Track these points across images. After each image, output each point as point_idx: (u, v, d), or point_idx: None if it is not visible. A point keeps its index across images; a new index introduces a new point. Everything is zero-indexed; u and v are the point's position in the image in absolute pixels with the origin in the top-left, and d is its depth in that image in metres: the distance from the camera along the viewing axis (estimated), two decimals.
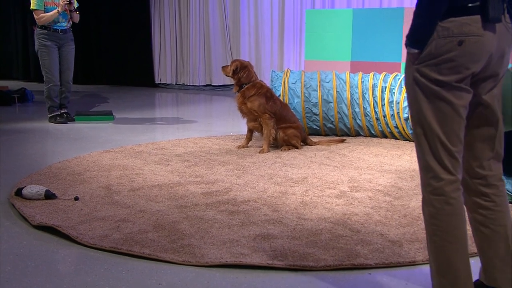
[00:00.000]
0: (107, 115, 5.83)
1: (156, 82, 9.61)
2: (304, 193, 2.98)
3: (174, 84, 9.48)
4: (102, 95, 8.35)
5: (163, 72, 9.56)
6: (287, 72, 4.72)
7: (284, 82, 4.61)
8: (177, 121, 5.92)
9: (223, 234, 2.34)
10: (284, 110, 4.24)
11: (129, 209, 2.68)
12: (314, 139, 4.53)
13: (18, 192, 2.84)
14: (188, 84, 9.29)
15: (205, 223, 2.48)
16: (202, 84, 9.19)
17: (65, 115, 5.58)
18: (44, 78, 5.48)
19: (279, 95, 4.60)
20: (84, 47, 10.01)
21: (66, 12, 5.39)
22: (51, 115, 5.55)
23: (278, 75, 4.72)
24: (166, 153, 4.03)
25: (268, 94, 4.16)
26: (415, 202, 2.81)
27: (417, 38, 1.53)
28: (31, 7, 5.26)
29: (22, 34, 10.15)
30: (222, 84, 9.06)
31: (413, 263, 2.07)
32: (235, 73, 4.20)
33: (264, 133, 4.14)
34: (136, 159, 3.80)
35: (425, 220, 1.61)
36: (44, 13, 5.26)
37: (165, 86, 9.55)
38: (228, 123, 5.73)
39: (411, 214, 2.61)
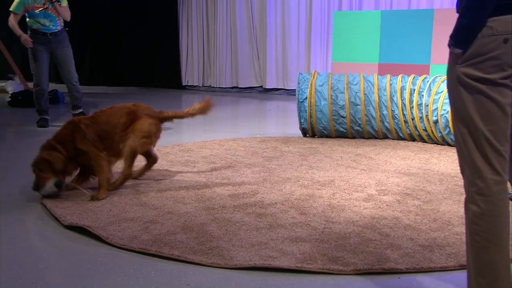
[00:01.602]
0: None
1: (183, 84, 9.70)
2: (332, 196, 2.96)
3: (201, 86, 9.56)
4: (130, 97, 8.46)
5: (190, 74, 9.64)
6: (314, 74, 4.70)
7: (311, 85, 4.59)
8: (203, 122, 5.95)
9: (251, 236, 2.34)
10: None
11: (157, 210, 2.70)
12: (340, 141, 4.50)
13: (36, 188, 2.89)
14: (215, 86, 9.35)
15: (233, 225, 2.48)
16: (228, 86, 9.24)
17: (81, 115, 5.58)
18: (33, 82, 5.38)
19: (306, 98, 4.59)
20: (113, 49, 10.18)
21: (53, 13, 5.20)
22: (40, 117, 5.45)
23: (305, 78, 4.70)
24: (192, 155, 4.05)
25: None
26: (445, 206, 2.76)
27: (462, 38, 1.52)
28: (10, 7, 5.14)
29: None
30: (249, 86, 9.09)
31: (444, 269, 2.03)
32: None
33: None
34: (162, 161, 3.83)
35: (467, 219, 1.58)
36: (28, 17, 5.14)
37: (192, 88, 9.63)
38: (254, 125, 5.74)
39: (441, 218, 2.57)
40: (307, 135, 4.81)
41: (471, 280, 1.57)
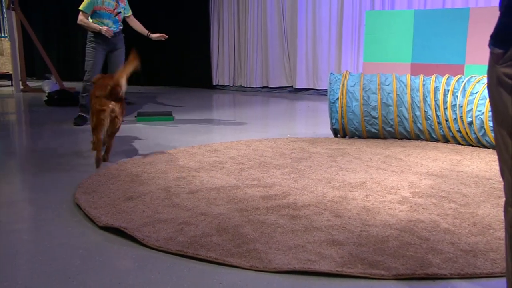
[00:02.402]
0: (167, 116, 5.94)
1: (214, 84, 9.73)
2: (365, 198, 2.91)
3: (231, 85, 9.58)
4: (161, 96, 8.51)
5: (221, 74, 9.67)
6: (345, 74, 4.64)
7: (342, 85, 4.54)
8: (233, 122, 5.96)
9: (287, 239, 2.31)
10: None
11: (190, 211, 2.69)
12: (368, 142, 4.45)
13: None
14: (245, 86, 9.35)
15: (267, 227, 2.45)
16: (259, 86, 9.23)
17: None
18: (84, 77, 5.52)
19: (337, 98, 4.54)
20: (144, 50, 10.24)
21: (116, 17, 5.49)
22: (80, 114, 5.58)
23: (336, 78, 4.64)
24: (220, 155, 4.04)
25: None
26: (483, 209, 2.70)
27: (503, 38, 1.46)
28: (80, 7, 5.33)
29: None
30: (279, 86, 9.07)
31: (491, 275, 1.97)
32: None
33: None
34: (191, 161, 3.82)
35: (506, 223, 1.53)
36: (90, 17, 5.35)
37: (223, 88, 9.66)
38: (284, 125, 5.72)
39: (481, 222, 2.51)
40: (338, 136, 4.77)
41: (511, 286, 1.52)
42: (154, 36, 5.65)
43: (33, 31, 8.69)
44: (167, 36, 5.62)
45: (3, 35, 11.29)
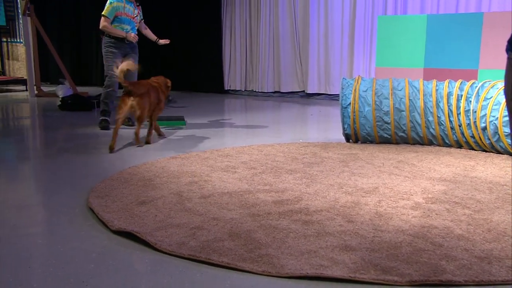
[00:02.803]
0: (179, 120, 5.97)
1: (226, 89, 9.75)
2: (378, 204, 2.90)
3: (243, 90, 9.60)
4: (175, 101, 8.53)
5: (233, 78, 9.70)
6: (358, 79, 4.63)
7: (355, 90, 4.52)
8: (245, 127, 5.96)
9: (299, 244, 2.30)
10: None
11: (202, 216, 2.69)
12: (381, 147, 4.43)
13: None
14: (257, 91, 9.37)
15: (280, 232, 2.45)
16: (270, 91, 9.24)
17: (127, 120, 5.77)
18: (105, 82, 5.63)
19: (349, 103, 4.53)
20: (156, 54, 10.30)
21: (134, 21, 5.57)
22: (101, 118, 5.66)
23: (349, 83, 4.63)
24: (232, 160, 4.04)
25: None
26: (498, 216, 2.67)
27: None
28: (103, 12, 5.42)
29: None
30: (291, 90, 9.07)
31: (506, 282, 1.95)
32: None
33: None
34: (203, 166, 3.83)
35: None
36: (117, 25, 5.44)
37: (234, 93, 9.68)
38: (296, 130, 5.71)
39: (496, 229, 2.48)
40: (350, 141, 4.75)
41: None
42: (162, 41, 5.78)
43: (48, 37, 8.79)
44: (169, 41, 5.78)
45: (18, 40, 11.44)
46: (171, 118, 6.21)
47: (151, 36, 5.84)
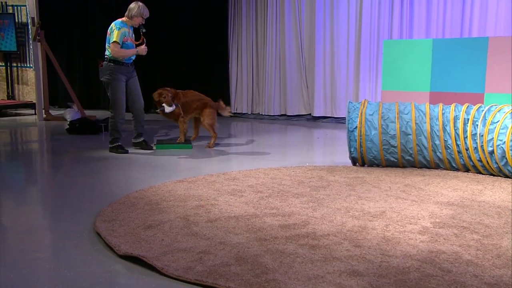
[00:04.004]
0: (186, 144, 6.00)
1: (232, 111, 9.80)
2: (385, 228, 2.88)
3: (249, 113, 9.64)
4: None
5: (239, 101, 9.75)
6: (364, 103, 4.65)
7: (361, 114, 4.54)
8: (252, 150, 5.98)
9: (306, 269, 2.29)
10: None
11: (209, 240, 2.69)
12: (387, 171, 4.42)
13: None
14: (263, 114, 9.41)
15: (287, 257, 2.44)
16: (277, 114, 9.28)
17: (143, 143, 5.79)
18: (112, 111, 5.60)
19: (356, 127, 4.54)
20: (163, 78, 10.41)
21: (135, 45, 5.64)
22: (115, 145, 5.66)
23: (355, 106, 4.65)
24: (238, 183, 4.05)
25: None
26: (507, 241, 2.65)
27: None
28: (113, 39, 5.46)
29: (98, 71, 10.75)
30: (297, 114, 9.10)
31: None
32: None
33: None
34: (209, 190, 3.83)
35: None
36: (121, 47, 5.50)
37: (241, 116, 9.72)
38: (302, 153, 5.71)
39: (505, 254, 2.46)
40: (357, 164, 4.75)
41: None
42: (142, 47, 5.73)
43: (57, 61, 8.92)
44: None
45: (28, 65, 11.61)
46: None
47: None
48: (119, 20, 5.56)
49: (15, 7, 11.35)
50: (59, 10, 11.35)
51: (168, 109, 5.80)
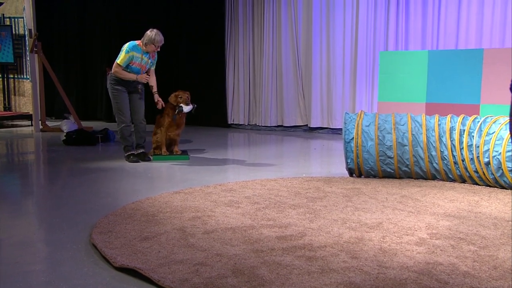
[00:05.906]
0: (182, 155, 6.00)
1: (229, 123, 9.81)
2: (382, 240, 2.88)
3: (246, 124, 9.65)
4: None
5: (236, 112, 9.77)
6: (360, 114, 4.67)
7: (357, 125, 4.56)
8: (248, 161, 5.97)
9: (303, 281, 2.28)
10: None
11: (206, 252, 2.68)
12: (384, 182, 4.43)
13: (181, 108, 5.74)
14: (260, 125, 9.43)
15: (283, 268, 2.43)
16: (273, 125, 9.30)
17: (142, 154, 5.79)
18: (116, 120, 5.72)
19: (352, 138, 4.55)
20: (161, 89, 10.41)
21: (144, 71, 5.69)
22: (127, 154, 5.77)
23: (351, 117, 4.67)
24: (235, 195, 4.05)
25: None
26: (504, 253, 2.65)
27: None
28: (117, 60, 5.48)
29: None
30: (294, 125, 9.12)
31: None
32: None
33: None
34: (206, 201, 3.83)
35: None
36: (126, 70, 5.52)
37: (238, 127, 9.73)
38: (299, 164, 5.71)
39: (502, 266, 2.46)
40: (354, 175, 4.75)
41: None
42: (155, 97, 5.77)
43: (54, 73, 8.93)
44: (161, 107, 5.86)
45: (25, 77, 11.62)
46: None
47: (153, 84, 5.81)
48: (135, 42, 5.55)
49: (13, 19, 11.41)
50: (56, 22, 11.40)
51: (186, 108, 5.80)
